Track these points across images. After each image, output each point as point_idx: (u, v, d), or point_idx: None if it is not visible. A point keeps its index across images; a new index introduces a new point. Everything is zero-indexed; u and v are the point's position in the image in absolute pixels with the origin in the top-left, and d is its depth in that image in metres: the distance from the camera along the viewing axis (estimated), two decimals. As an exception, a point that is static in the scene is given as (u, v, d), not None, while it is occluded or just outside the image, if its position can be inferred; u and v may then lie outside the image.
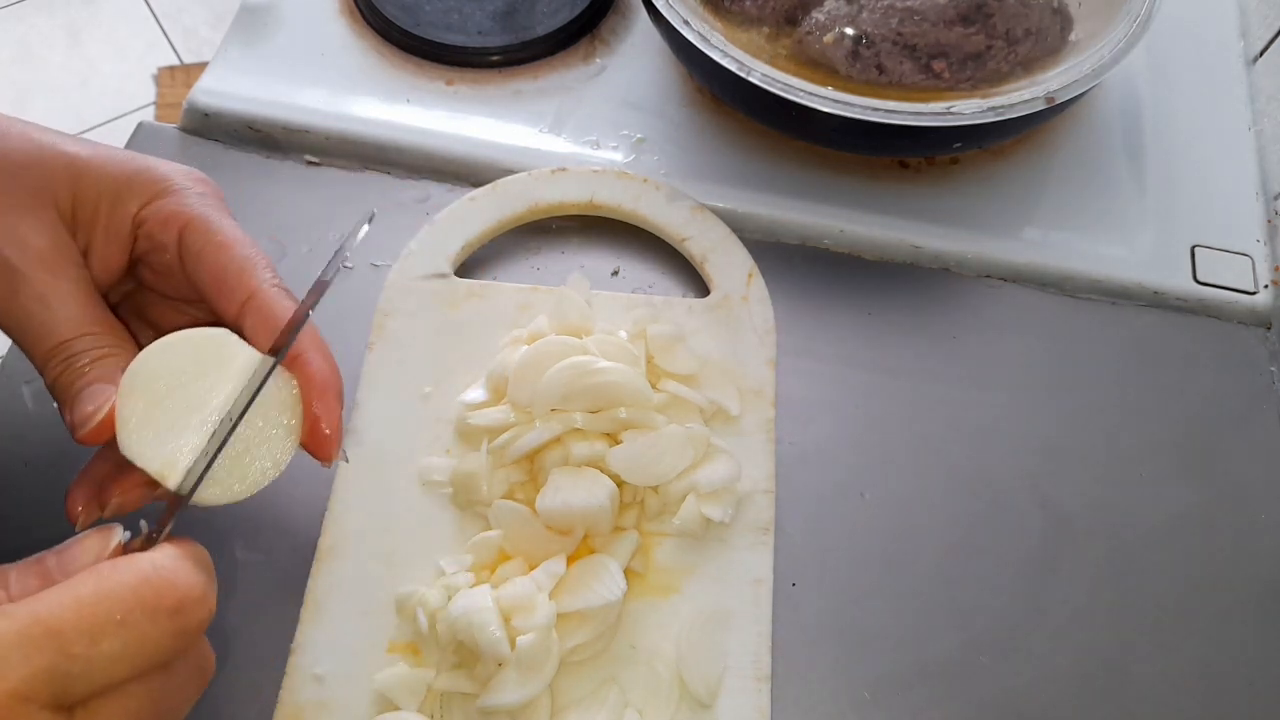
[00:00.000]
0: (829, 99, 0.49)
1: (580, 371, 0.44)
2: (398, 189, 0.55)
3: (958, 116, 0.49)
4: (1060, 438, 0.49)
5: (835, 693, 0.42)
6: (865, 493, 0.47)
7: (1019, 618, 0.44)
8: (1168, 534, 0.47)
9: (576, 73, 0.60)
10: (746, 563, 0.44)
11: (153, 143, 0.56)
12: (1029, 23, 0.53)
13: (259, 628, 0.42)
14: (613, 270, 0.53)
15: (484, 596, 0.40)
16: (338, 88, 0.58)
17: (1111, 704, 0.43)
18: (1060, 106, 0.50)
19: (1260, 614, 0.45)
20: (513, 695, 0.39)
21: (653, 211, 0.53)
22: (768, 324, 0.50)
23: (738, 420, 0.47)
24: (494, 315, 0.50)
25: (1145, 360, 0.52)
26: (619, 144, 0.57)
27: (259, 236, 0.36)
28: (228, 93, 0.57)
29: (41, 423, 0.46)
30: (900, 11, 0.52)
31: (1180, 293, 0.54)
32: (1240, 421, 0.50)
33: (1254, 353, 0.52)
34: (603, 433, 0.44)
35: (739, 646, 0.42)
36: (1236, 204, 0.57)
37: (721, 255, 0.52)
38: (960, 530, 0.46)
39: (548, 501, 0.42)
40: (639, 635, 0.42)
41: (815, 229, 0.54)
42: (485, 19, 0.61)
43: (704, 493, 0.44)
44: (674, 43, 0.54)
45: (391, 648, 0.42)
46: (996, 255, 0.54)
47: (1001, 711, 0.42)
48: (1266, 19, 0.63)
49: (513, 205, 0.53)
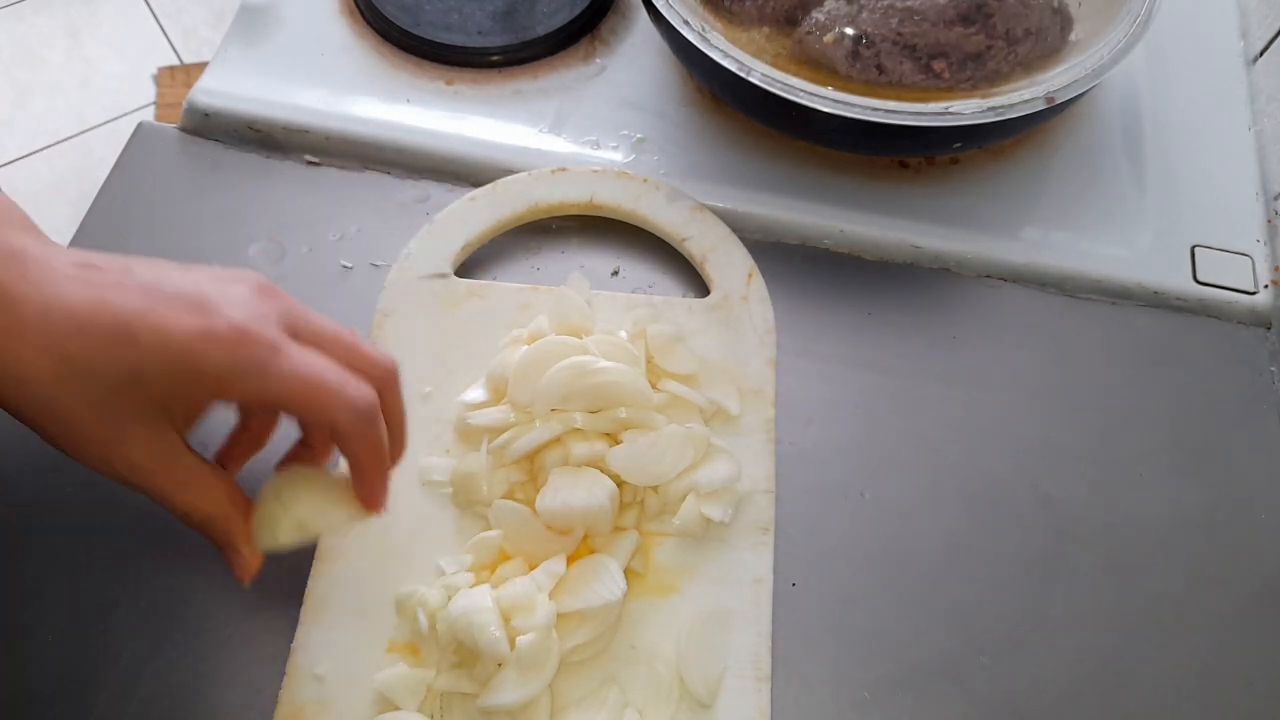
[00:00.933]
0: (829, 99, 0.49)
1: (580, 371, 0.44)
2: (398, 189, 0.55)
3: (958, 116, 0.49)
4: (1060, 438, 0.49)
5: (835, 693, 0.42)
6: (865, 493, 0.47)
7: (1019, 618, 0.44)
8: (1168, 534, 0.47)
9: (576, 73, 0.60)
10: (746, 563, 0.44)
11: (153, 143, 0.56)
12: (1029, 23, 0.53)
13: (259, 628, 0.42)
14: (613, 270, 0.53)
15: (484, 596, 0.40)
16: (338, 88, 0.58)
17: (1111, 704, 0.43)
18: (1060, 106, 0.50)
19: (1260, 614, 0.45)
20: (513, 695, 0.39)
21: (653, 211, 0.53)
22: (768, 324, 0.50)
23: (738, 420, 0.47)
24: (494, 315, 0.50)
25: (1145, 360, 0.52)
26: (619, 144, 0.57)
27: (259, 236, 0.36)
28: (228, 93, 0.57)
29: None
30: (900, 11, 0.52)
31: (1180, 293, 0.54)
32: (1240, 421, 0.50)
33: (1254, 353, 0.52)
34: (603, 433, 0.44)
35: (739, 646, 0.42)
36: (1236, 204, 0.57)
37: (721, 255, 0.52)
38: (960, 530, 0.46)
39: (548, 501, 0.42)
40: (639, 635, 0.42)
41: (815, 229, 0.54)
42: (485, 19, 0.61)
43: (704, 493, 0.44)
44: (674, 43, 0.54)
45: (391, 648, 0.42)
46: (996, 255, 0.54)
47: (1001, 711, 0.42)
48: (1266, 19, 0.63)
49: (513, 205, 0.53)
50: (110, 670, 0.41)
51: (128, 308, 0.33)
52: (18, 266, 0.33)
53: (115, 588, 0.43)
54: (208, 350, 0.33)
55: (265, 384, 0.35)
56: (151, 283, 0.34)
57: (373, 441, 0.37)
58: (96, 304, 0.33)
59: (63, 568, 0.43)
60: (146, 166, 0.55)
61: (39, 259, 0.34)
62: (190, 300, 0.34)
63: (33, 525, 0.45)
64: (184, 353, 0.33)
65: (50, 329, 0.33)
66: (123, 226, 0.53)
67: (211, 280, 0.36)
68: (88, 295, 0.33)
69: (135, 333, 0.33)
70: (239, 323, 0.34)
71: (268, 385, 0.35)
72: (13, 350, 0.32)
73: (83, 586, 0.43)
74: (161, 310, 0.34)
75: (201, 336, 0.33)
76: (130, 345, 0.33)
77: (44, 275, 0.33)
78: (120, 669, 0.41)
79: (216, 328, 0.34)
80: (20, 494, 0.45)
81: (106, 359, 0.33)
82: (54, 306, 0.33)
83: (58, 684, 0.41)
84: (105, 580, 0.43)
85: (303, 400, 0.35)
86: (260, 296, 0.36)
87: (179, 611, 0.43)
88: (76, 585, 0.43)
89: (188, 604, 0.43)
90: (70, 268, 0.34)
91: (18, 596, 0.43)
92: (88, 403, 0.33)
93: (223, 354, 0.34)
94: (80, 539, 0.44)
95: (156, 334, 0.33)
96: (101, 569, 0.44)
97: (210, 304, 0.34)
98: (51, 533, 0.44)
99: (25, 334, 0.32)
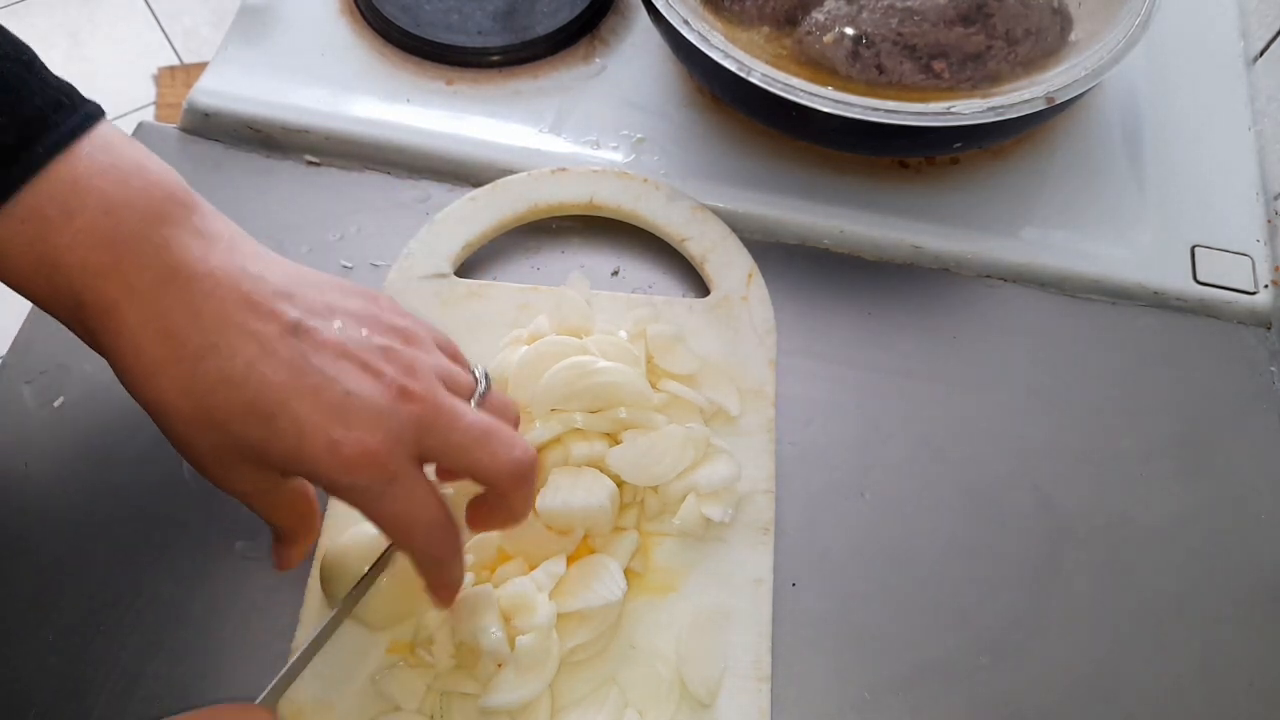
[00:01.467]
0: (829, 99, 0.49)
1: (580, 371, 0.44)
2: (398, 189, 0.55)
3: (958, 116, 0.49)
4: (1060, 438, 0.49)
5: (835, 693, 0.42)
6: (865, 493, 0.47)
7: (1019, 618, 0.44)
8: (1168, 534, 0.47)
9: (576, 73, 0.60)
10: (746, 563, 0.44)
11: (153, 143, 0.56)
12: (1029, 23, 0.53)
13: (259, 627, 0.42)
14: (613, 270, 0.53)
15: (484, 597, 0.40)
16: (338, 88, 0.58)
17: (1111, 704, 0.43)
18: (1060, 106, 0.50)
19: (1260, 614, 0.45)
20: (513, 695, 0.39)
21: (653, 211, 0.53)
22: (768, 324, 0.50)
23: (738, 420, 0.47)
24: (494, 315, 0.50)
25: (1145, 360, 0.52)
26: (619, 144, 0.57)
27: (259, 236, 0.36)
28: (228, 93, 0.57)
29: (42, 423, 0.46)
30: (900, 11, 0.52)
31: (1180, 293, 0.54)
32: (1240, 421, 0.50)
33: (1254, 353, 0.52)
34: (603, 433, 0.44)
35: (739, 646, 0.42)
36: (1236, 204, 0.57)
37: (721, 255, 0.52)
38: (960, 530, 0.46)
39: (548, 501, 0.42)
40: (639, 635, 0.42)
41: (815, 229, 0.54)
42: (485, 19, 0.61)
43: (704, 493, 0.44)
44: (674, 43, 0.54)
45: (391, 648, 0.42)
46: (996, 255, 0.54)
47: (1001, 711, 0.42)
48: (1266, 19, 0.63)
49: (513, 205, 0.53)
50: (110, 670, 0.41)
51: (272, 385, 0.33)
52: (179, 293, 0.33)
53: (115, 588, 0.43)
54: (331, 464, 0.33)
55: (369, 508, 0.35)
56: (302, 358, 0.34)
57: (444, 568, 0.38)
58: (248, 368, 0.33)
59: (63, 568, 0.43)
60: (146, 166, 0.55)
61: (204, 282, 0.33)
62: (332, 401, 0.34)
63: (33, 526, 0.45)
64: (307, 458, 0.33)
65: (200, 379, 0.33)
66: (123, 226, 0.53)
67: (367, 365, 0.35)
68: (244, 351, 0.33)
69: (272, 417, 0.33)
70: (369, 448, 0.34)
71: (370, 509, 0.35)
72: (160, 381, 0.33)
73: (83, 586, 0.43)
74: (302, 400, 0.33)
75: (329, 450, 0.33)
76: (263, 426, 0.33)
77: (206, 308, 0.33)
78: (120, 669, 0.41)
79: (346, 451, 0.33)
80: (20, 494, 0.45)
81: (241, 425, 0.33)
82: (208, 356, 0.33)
83: (58, 684, 0.41)
84: (105, 580, 0.43)
85: (393, 534, 0.36)
86: (402, 401, 0.34)
87: (179, 611, 0.43)
88: (76, 585, 0.43)
89: (188, 604, 0.43)
90: (236, 307, 0.33)
91: (18, 598, 0.43)
92: (212, 445, 0.34)
93: (342, 473, 0.34)
94: (80, 539, 0.44)
95: (290, 430, 0.33)
96: (102, 569, 0.43)
97: (351, 411, 0.34)
98: (52, 533, 0.44)
99: (176, 374, 0.33)
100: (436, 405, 0.35)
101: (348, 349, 0.35)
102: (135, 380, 0.33)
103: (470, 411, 0.36)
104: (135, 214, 0.33)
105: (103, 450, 0.39)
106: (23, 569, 0.43)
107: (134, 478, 0.45)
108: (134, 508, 0.45)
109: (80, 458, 0.46)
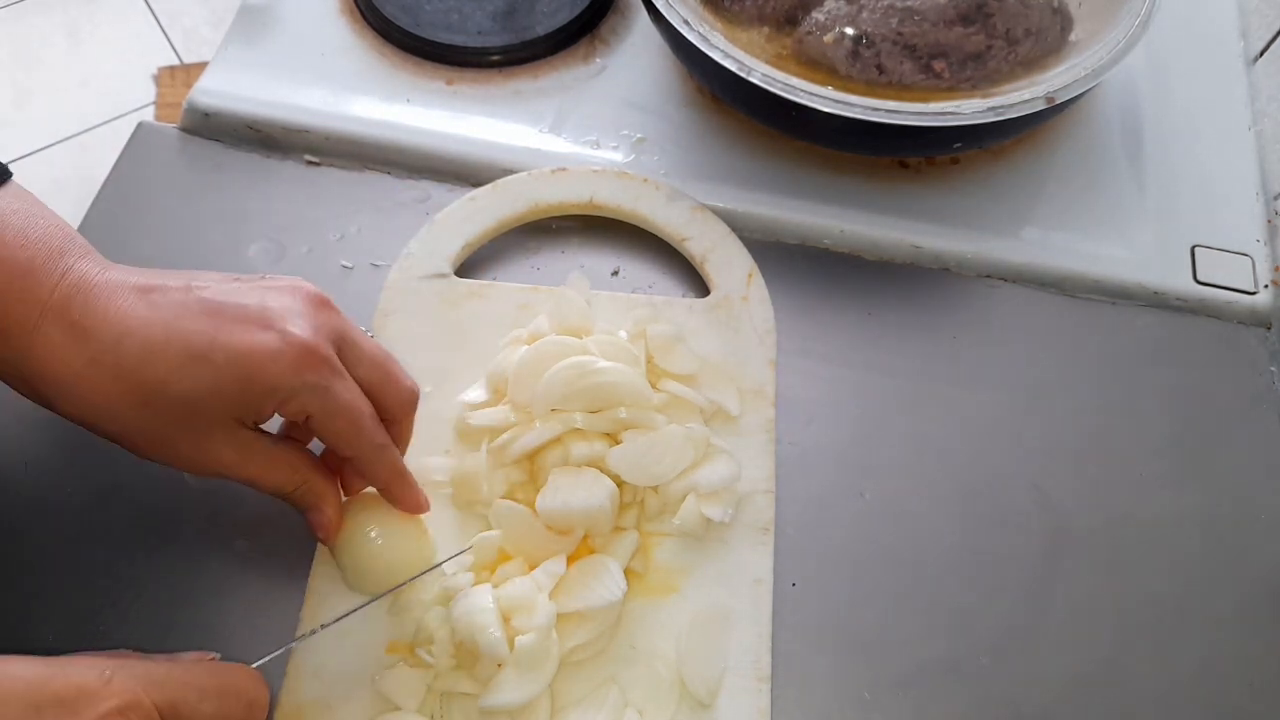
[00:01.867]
0: (829, 99, 0.49)
1: (580, 371, 0.44)
2: (398, 189, 0.55)
3: (958, 116, 0.49)
4: (1060, 438, 0.49)
5: (835, 693, 0.42)
6: (865, 493, 0.47)
7: (1019, 618, 0.44)
8: (1167, 534, 0.47)
9: (576, 73, 0.60)
10: (746, 563, 0.44)
11: (153, 143, 0.56)
12: (1029, 23, 0.53)
13: (259, 625, 0.42)
14: (613, 270, 0.53)
15: (484, 596, 0.40)
16: (338, 88, 0.58)
17: (1111, 704, 0.43)
18: (1060, 106, 0.50)
19: (1260, 614, 0.45)
20: (513, 695, 0.39)
21: (653, 211, 0.53)
22: (768, 324, 0.50)
23: (738, 420, 0.47)
24: (494, 315, 0.50)
25: (1145, 360, 0.52)
26: (619, 144, 0.57)
27: (259, 236, 0.37)
28: (228, 93, 0.57)
29: (42, 423, 0.46)
30: (900, 11, 0.52)
31: (1180, 293, 0.54)
32: (1240, 421, 0.50)
33: (1254, 353, 0.52)
34: (603, 433, 0.44)
35: (739, 646, 0.42)
36: (1236, 204, 0.57)
37: (721, 255, 0.52)
38: (960, 530, 0.46)
39: (548, 501, 0.42)
40: (639, 635, 0.42)
41: (815, 229, 0.54)
42: (485, 19, 0.61)
43: (704, 493, 0.44)
44: (674, 43, 0.54)
45: (391, 648, 0.42)
46: (996, 255, 0.54)
47: (1001, 711, 0.42)
48: (1266, 19, 0.63)
49: (513, 205, 0.53)
50: (110, 670, 0.41)
51: (197, 330, 0.36)
52: (84, 298, 0.36)
53: (115, 587, 0.43)
54: (278, 367, 0.36)
55: (324, 404, 0.37)
56: (215, 301, 0.37)
57: (390, 464, 0.40)
58: (166, 329, 0.36)
59: (63, 568, 0.43)
60: (146, 166, 0.55)
61: (104, 287, 0.36)
62: (255, 317, 0.37)
63: (33, 525, 0.45)
64: (255, 369, 0.36)
65: (125, 357, 0.35)
66: (123, 226, 0.53)
67: (270, 293, 0.38)
68: (157, 319, 0.36)
69: (208, 353, 0.35)
70: (306, 341, 0.37)
71: (325, 406, 0.37)
72: (92, 381, 0.35)
73: (83, 586, 0.43)
74: (230, 329, 0.36)
75: (273, 355, 0.36)
76: (204, 364, 0.35)
77: (111, 305, 0.36)
78: (120, 669, 0.41)
79: (285, 346, 0.36)
80: (20, 494, 0.45)
81: (182, 379, 0.35)
82: (125, 335, 0.35)
83: (58, 684, 0.41)
84: (105, 580, 0.43)
85: (347, 427, 0.38)
86: (317, 310, 0.38)
87: (179, 611, 0.43)
88: (76, 585, 0.43)
89: (188, 603, 0.43)
90: (134, 293, 0.36)
91: (18, 597, 0.43)
92: (171, 419, 0.36)
93: (291, 371, 0.36)
94: (80, 539, 0.44)
95: (229, 353, 0.36)
96: (102, 568, 0.43)
97: (275, 320, 0.37)
98: (51, 533, 0.44)
99: (102, 365, 0.35)
100: (344, 318, 0.39)
101: (249, 288, 0.38)
102: (65, 388, 0.36)
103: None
104: (44, 249, 0.36)
105: (103, 450, 0.39)
106: (23, 568, 0.43)
107: (134, 478, 0.45)
108: (134, 507, 0.45)
109: (80, 458, 0.46)
